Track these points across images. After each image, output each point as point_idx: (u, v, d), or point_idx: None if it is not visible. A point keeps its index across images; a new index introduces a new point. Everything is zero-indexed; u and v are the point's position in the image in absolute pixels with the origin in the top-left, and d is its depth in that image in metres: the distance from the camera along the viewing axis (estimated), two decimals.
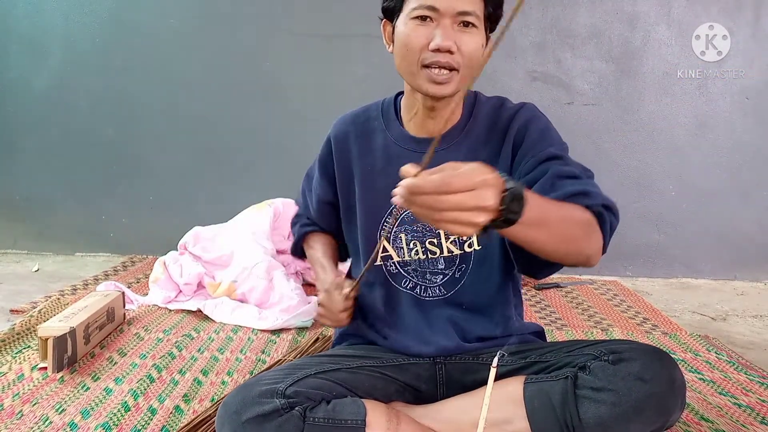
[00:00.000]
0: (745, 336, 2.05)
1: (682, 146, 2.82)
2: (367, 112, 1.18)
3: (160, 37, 2.93)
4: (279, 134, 2.94)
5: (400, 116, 1.14)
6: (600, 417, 0.94)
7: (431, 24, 0.99)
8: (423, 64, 1.00)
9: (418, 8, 0.98)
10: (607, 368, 0.97)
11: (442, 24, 0.98)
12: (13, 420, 1.28)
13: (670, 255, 2.86)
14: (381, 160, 1.13)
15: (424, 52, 0.99)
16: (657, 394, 0.94)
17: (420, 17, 0.99)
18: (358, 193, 1.15)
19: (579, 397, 0.96)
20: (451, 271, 1.12)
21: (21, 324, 1.81)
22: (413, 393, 1.11)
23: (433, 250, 1.12)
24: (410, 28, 1.00)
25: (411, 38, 1.00)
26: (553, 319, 2.15)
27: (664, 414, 0.96)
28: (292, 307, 2.03)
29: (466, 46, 0.99)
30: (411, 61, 1.01)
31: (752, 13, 2.73)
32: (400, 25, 1.02)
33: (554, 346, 1.12)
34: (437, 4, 0.97)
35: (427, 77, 1.01)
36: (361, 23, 2.83)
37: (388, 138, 1.13)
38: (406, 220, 1.12)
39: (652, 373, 0.94)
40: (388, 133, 1.14)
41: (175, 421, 1.30)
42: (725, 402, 1.44)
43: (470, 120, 1.12)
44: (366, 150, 1.14)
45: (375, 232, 1.13)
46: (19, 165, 3.05)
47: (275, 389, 0.93)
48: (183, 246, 2.34)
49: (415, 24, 0.99)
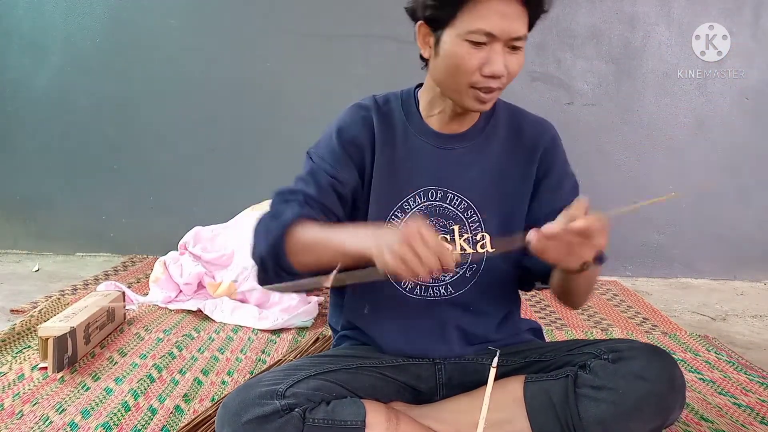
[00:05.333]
0: (745, 336, 2.05)
1: (681, 146, 2.82)
2: (387, 101, 1.14)
3: (160, 37, 2.93)
4: (279, 134, 2.94)
5: (419, 109, 1.13)
6: (600, 415, 0.94)
7: (484, 47, 0.97)
8: (472, 86, 0.99)
9: (476, 33, 0.95)
10: (607, 367, 0.97)
11: (495, 48, 0.96)
12: (14, 420, 1.28)
13: (670, 255, 2.86)
14: (401, 151, 1.11)
15: (475, 75, 0.98)
16: (657, 392, 0.94)
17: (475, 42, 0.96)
18: (375, 180, 1.10)
19: (579, 396, 0.96)
20: (462, 269, 1.10)
21: (21, 324, 1.81)
22: (413, 393, 1.11)
23: None
24: (464, 50, 0.97)
25: (465, 61, 0.97)
26: (553, 319, 2.15)
27: (664, 412, 0.96)
28: (292, 307, 2.03)
29: (514, 67, 0.99)
30: (460, 81, 1.00)
31: (752, 14, 2.73)
32: (449, 41, 0.98)
33: (554, 345, 1.13)
34: (496, 32, 0.95)
35: (474, 96, 1.01)
36: (361, 23, 2.83)
37: (409, 130, 1.12)
38: (417, 213, 1.10)
39: (652, 371, 0.95)
40: (409, 125, 1.12)
41: (176, 421, 1.30)
42: (725, 402, 1.44)
43: (490, 122, 1.13)
44: (387, 138, 1.11)
45: (383, 223, 1.10)
46: (19, 165, 3.05)
47: (275, 390, 0.93)
48: (183, 246, 2.34)
49: (469, 46, 0.96)
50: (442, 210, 1.10)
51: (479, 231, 1.10)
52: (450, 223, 1.10)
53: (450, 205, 1.10)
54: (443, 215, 1.10)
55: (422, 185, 1.10)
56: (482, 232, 1.10)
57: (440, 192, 1.10)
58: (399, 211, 1.10)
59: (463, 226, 1.10)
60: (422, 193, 1.10)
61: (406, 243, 0.84)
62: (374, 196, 1.10)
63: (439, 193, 1.10)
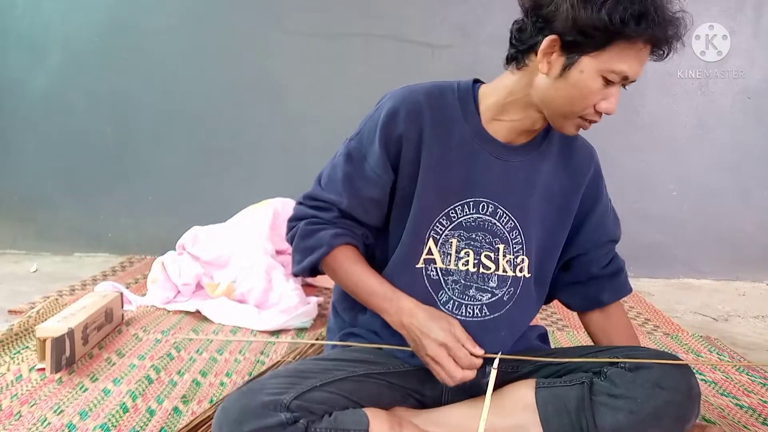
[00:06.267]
0: (747, 336, 2.05)
1: (682, 146, 2.81)
2: (441, 94, 1.04)
3: (160, 37, 2.92)
4: (278, 134, 2.93)
5: (478, 110, 1.04)
6: (617, 424, 0.93)
7: (613, 86, 0.95)
8: (581, 116, 0.98)
9: (616, 73, 0.92)
10: (624, 375, 0.96)
11: (617, 87, 0.95)
12: (12, 421, 1.27)
13: (672, 255, 2.86)
14: (456, 153, 1.02)
15: (590, 108, 0.96)
16: (675, 402, 0.93)
17: (609, 81, 0.94)
18: (421, 179, 1.02)
19: (595, 404, 0.95)
20: (501, 291, 1.06)
21: (19, 324, 1.80)
22: (418, 399, 1.09)
23: (487, 264, 1.05)
24: (597, 86, 0.94)
25: (593, 95, 0.94)
26: (555, 320, 2.15)
27: (681, 422, 0.95)
28: (291, 308, 2.02)
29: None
30: (575, 110, 0.97)
31: (752, 13, 2.73)
32: (585, 72, 0.93)
33: (565, 351, 1.12)
34: (632, 77, 0.94)
35: (576, 125, 1.00)
36: (361, 23, 2.83)
37: (465, 131, 1.03)
38: (464, 224, 1.04)
39: (670, 380, 0.94)
40: (466, 125, 1.03)
41: (174, 423, 1.29)
42: (727, 403, 1.44)
43: (547, 138, 1.09)
44: (441, 137, 1.02)
45: (425, 230, 1.03)
46: (17, 165, 3.04)
47: (279, 402, 0.90)
48: (181, 246, 2.33)
49: (602, 83, 0.93)
50: (491, 226, 1.05)
51: (520, 254, 1.06)
52: (496, 241, 1.05)
53: (498, 222, 1.05)
54: (491, 232, 1.05)
55: (474, 195, 1.04)
56: (522, 255, 1.06)
57: (491, 206, 1.05)
58: (444, 218, 1.04)
59: (507, 246, 1.06)
60: (473, 203, 1.04)
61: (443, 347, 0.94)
62: (419, 199, 1.03)
63: (490, 207, 1.05)
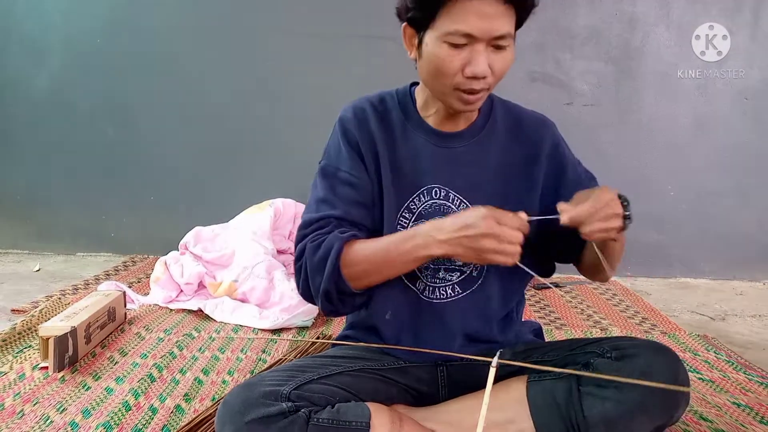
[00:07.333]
0: (744, 336, 2.06)
1: (681, 146, 2.82)
2: (382, 100, 1.13)
3: (160, 37, 2.93)
4: (279, 134, 2.94)
5: (416, 108, 1.11)
6: (605, 413, 0.94)
7: (465, 48, 0.94)
8: (455, 87, 0.98)
9: (454, 35, 0.93)
10: (611, 365, 0.97)
11: (476, 48, 0.94)
12: (14, 419, 1.29)
13: (670, 255, 2.87)
14: (403, 150, 1.09)
15: (457, 77, 0.96)
16: (662, 389, 0.94)
17: (454, 44, 0.94)
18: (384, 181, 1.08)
19: (583, 395, 0.97)
20: (468, 268, 1.09)
21: (22, 323, 1.82)
22: (415, 395, 1.11)
23: None
24: (444, 52, 0.95)
25: (445, 63, 0.95)
26: (552, 319, 2.16)
27: (669, 409, 0.96)
28: (292, 307, 2.03)
29: (500, 66, 0.97)
30: (444, 83, 0.98)
31: (752, 14, 2.73)
32: (430, 43, 0.96)
33: (556, 345, 1.13)
34: (474, 32, 0.92)
35: (458, 98, 0.99)
36: (361, 23, 2.83)
37: (408, 128, 1.10)
38: (423, 213, 1.08)
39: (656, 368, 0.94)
40: (408, 124, 1.10)
41: (176, 421, 1.30)
42: (724, 401, 1.45)
43: (489, 119, 1.12)
44: (388, 138, 1.09)
45: (394, 225, 1.08)
46: (20, 165, 3.05)
47: (279, 392, 0.93)
48: (184, 246, 2.35)
49: (448, 48, 0.94)
50: (446, 209, 1.08)
51: None
52: None
53: (452, 204, 1.09)
54: (446, 214, 1.08)
55: (426, 183, 1.09)
56: None
57: (443, 191, 1.09)
58: (406, 211, 1.09)
59: None
60: (426, 191, 1.09)
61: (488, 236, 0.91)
62: (385, 197, 1.08)
63: (442, 192, 1.09)
